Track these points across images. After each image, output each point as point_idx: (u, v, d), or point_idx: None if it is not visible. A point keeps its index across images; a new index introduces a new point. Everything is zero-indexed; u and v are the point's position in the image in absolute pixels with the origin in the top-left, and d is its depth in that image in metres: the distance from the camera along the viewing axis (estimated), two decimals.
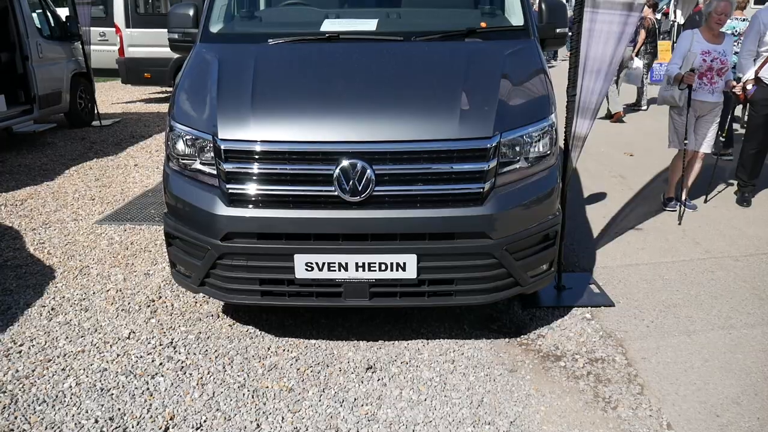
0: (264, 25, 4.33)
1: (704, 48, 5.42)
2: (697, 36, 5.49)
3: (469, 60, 3.54)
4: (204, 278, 3.35)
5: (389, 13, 4.20)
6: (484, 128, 3.13)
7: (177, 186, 3.40)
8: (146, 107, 12.88)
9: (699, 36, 5.49)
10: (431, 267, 3.16)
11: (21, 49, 8.72)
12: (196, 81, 3.59)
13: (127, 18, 12.19)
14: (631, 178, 6.95)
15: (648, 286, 4.35)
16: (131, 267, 4.71)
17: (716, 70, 5.45)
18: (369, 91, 3.37)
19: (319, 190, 3.11)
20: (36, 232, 5.49)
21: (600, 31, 3.99)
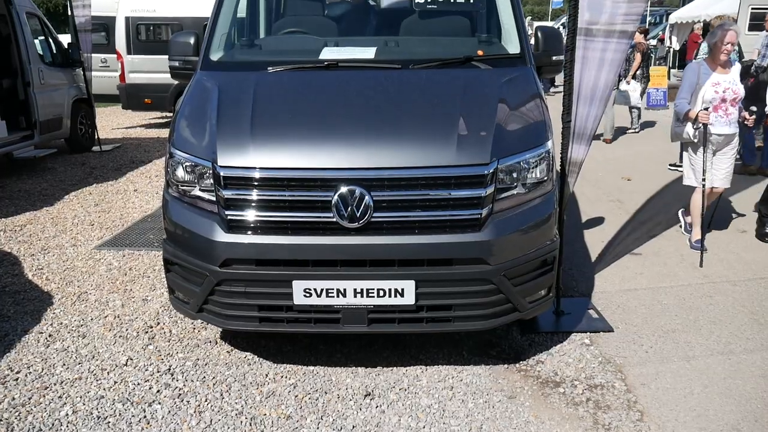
0: (264, 53, 4.39)
1: (714, 80, 5.23)
2: (703, 68, 5.30)
3: (467, 87, 3.58)
4: (202, 304, 3.35)
5: (387, 42, 4.26)
6: (482, 155, 3.15)
7: (176, 212, 3.41)
8: (146, 132, 12.96)
9: (705, 67, 5.29)
10: (429, 293, 3.16)
11: (23, 75, 8.81)
12: (196, 108, 3.63)
13: (129, 45, 12.32)
14: (628, 203, 6.98)
15: (647, 311, 4.35)
16: (129, 293, 4.70)
17: (729, 100, 5.24)
18: (367, 118, 3.41)
19: (317, 217, 3.13)
20: (35, 257, 5.49)
21: (593, 58, 4.05)
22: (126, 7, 12.37)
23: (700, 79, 5.24)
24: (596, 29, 3.99)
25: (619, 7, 3.90)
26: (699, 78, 5.24)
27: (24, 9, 9.01)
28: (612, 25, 3.95)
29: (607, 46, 4.00)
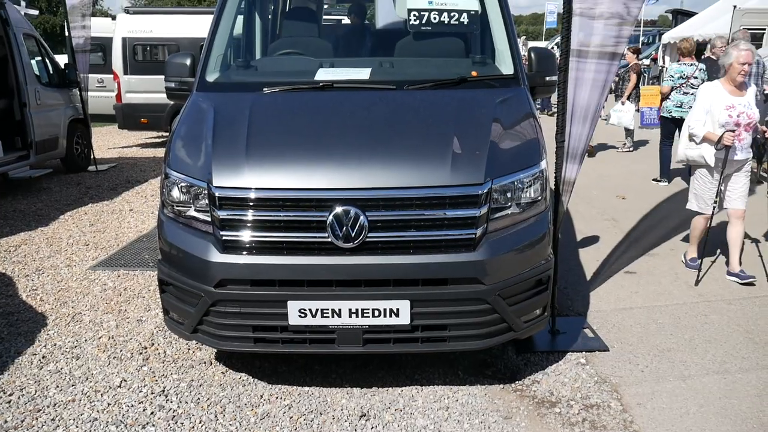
0: (259, 75, 4.42)
1: (728, 102, 4.98)
2: (718, 89, 5.06)
3: (461, 108, 3.61)
4: (197, 325, 3.35)
5: (382, 63, 4.30)
6: (476, 175, 3.17)
7: (171, 233, 3.42)
8: (142, 152, 12.98)
9: (721, 89, 5.06)
10: (424, 313, 3.17)
11: (19, 95, 8.83)
12: (191, 129, 3.65)
13: (125, 65, 12.39)
14: (622, 222, 7.00)
15: (642, 330, 4.35)
16: (124, 313, 4.68)
17: (744, 125, 4.99)
18: (362, 138, 3.43)
19: (312, 237, 3.13)
20: (29, 278, 5.47)
21: (586, 79, 4.10)
22: (123, 28, 12.45)
23: (714, 101, 5.02)
24: (588, 51, 4.05)
25: (611, 30, 3.96)
26: (713, 100, 5.02)
27: (21, 30, 9.06)
28: (604, 47, 4.01)
29: (599, 68, 4.06)
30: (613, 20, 3.97)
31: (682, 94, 8.57)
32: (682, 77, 8.60)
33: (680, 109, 8.53)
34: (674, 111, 8.65)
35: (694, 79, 8.49)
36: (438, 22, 4.26)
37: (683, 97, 8.53)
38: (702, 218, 5.36)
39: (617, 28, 3.97)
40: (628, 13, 3.96)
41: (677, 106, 8.60)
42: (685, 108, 8.42)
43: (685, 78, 8.57)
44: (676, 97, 8.64)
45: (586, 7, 3.98)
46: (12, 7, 9.10)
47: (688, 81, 8.53)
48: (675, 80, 8.63)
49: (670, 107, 8.71)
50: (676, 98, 8.63)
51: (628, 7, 3.94)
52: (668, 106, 8.75)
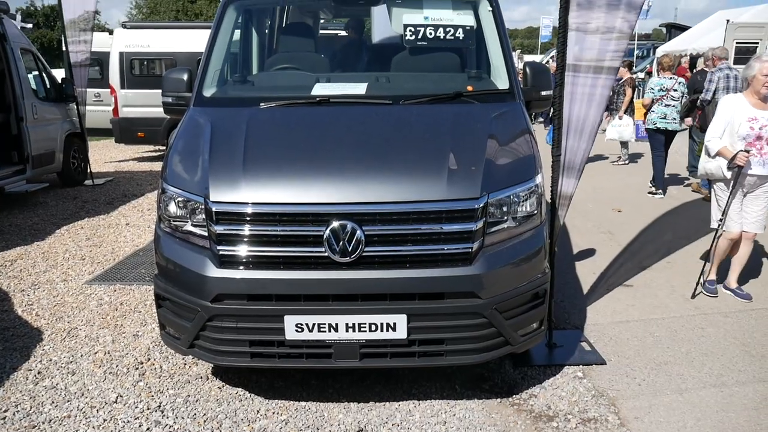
0: (256, 89, 4.44)
1: (750, 114, 4.83)
2: (741, 101, 4.91)
3: (457, 122, 3.63)
4: (193, 340, 3.34)
5: (378, 78, 4.32)
6: (472, 189, 3.19)
7: (168, 247, 3.42)
8: (139, 166, 12.99)
9: (744, 101, 4.90)
10: (421, 327, 3.16)
11: (16, 110, 8.84)
12: (188, 144, 3.66)
13: (122, 79, 12.44)
14: (618, 234, 7.02)
15: (639, 343, 4.35)
16: (120, 328, 4.67)
17: (766, 138, 4.82)
18: (359, 153, 3.44)
19: (309, 251, 3.14)
20: (25, 293, 5.45)
21: (582, 93, 4.12)
22: (120, 42, 12.52)
23: (736, 113, 4.87)
24: (584, 65, 4.07)
25: (608, 44, 3.99)
26: (734, 112, 4.88)
27: (19, 45, 9.09)
28: (600, 61, 4.03)
29: (596, 82, 4.08)
30: (609, 34, 4.00)
31: (664, 106, 9.06)
32: (662, 90, 9.12)
33: (664, 120, 9.04)
34: (659, 123, 9.08)
35: (674, 91, 9.06)
36: (434, 37, 4.30)
37: (666, 109, 9.03)
38: (726, 239, 5.11)
39: (614, 42, 3.99)
40: (629, 27, 3.99)
41: (661, 117, 9.06)
42: (668, 119, 9.03)
43: (665, 90, 9.09)
44: (659, 109, 9.08)
45: (581, 22, 4.01)
46: (9, 22, 9.13)
47: (668, 93, 9.06)
48: (656, 93, 9.13)
49: (655, 119, 9.12)
50: (660, 110, 9.08)
51: (624, 21, 3.97)
52: (652, 118, 9.17)
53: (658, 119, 9.09)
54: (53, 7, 41.25)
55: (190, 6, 46.20)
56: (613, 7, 3.93)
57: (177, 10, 45.68)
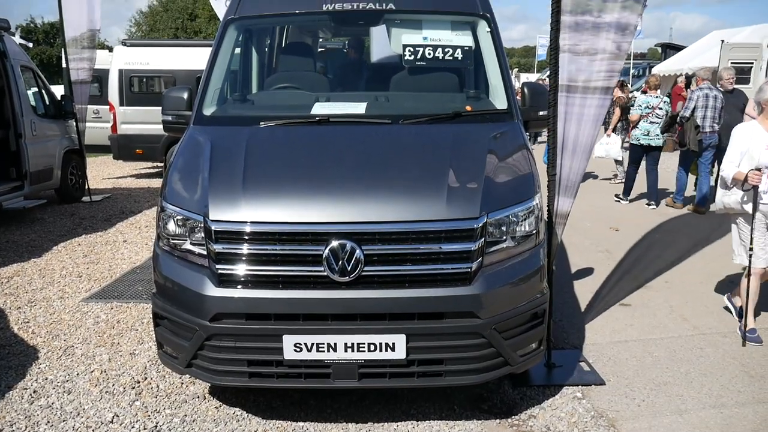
0: (256, 108, 4.46)
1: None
2: (756, 128, 4.63)
3: (456, 142, 3.65)
4: (191, 359, 3.32)
5: (378, 97, 4.35)
6: (471, 209, 3.19)
7: (167, 266, 3.41)
8: (137, 182, 12.99)
9: (759, 128, 4.63)
10: (420, 347, 3.15)
11: (15, 126, 8.86)
12: (188, 162, 3.67)
13: (121, 96, 12.48)
14: (616, 253, 7.03)
15: (638, 363, 4.34)
16: (117, 346, 4.64)
17: None
18: (358, 172, 3.45)
19: (308, 271, 3.14)
20: (21, 310, 5.42)
21: (576, 113, 4.16)
22: (120, 60, 12.58)
23: (753, 142, 4.56)
24: (576, 86, 4.11)
25: (600, 65, 4.04)
26: (751, 141, 4.57)
27: (19, 63, 9.14)
28: (591, 81, 4.08)
29: (591, 102, 4.12)
30: (599, 56, 4.05)
31: (648, 123, 9.61)
32: (648, 107, 9.66)
33: (647, 137, 9.60)
34: (642, 139, 9.64)
35: (659, 109, 9.59)
36: (432, 57, 4.33)
37: (650, 126, 9.58)
38: (756, 277, 4.67)
39: (608, 62, 4.04)
40: (618, 48, 4.04)
41: (645, 134, 9.62)
42: (651, 136, 9.57)
43: (651, 108, 9.62)
44: (643, 126, 9.62)
45: (572, 44, 4.06)
46: (10, 40, 9.19)
47: (654, 111, 9.58)
48: (642, 110, 9.68)
49: (639, 136, 9.67)
50: (644, 127, 9.62)
51: (616, 43, 4.02)
52: (636, 134, 9.73)
53: (642, 135, 9.61)
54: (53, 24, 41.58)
55: (189, 23, 46.55)
56: (600, 29, 4.00)
57: (176, 28, 46.01)
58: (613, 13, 3.96)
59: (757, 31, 18.63)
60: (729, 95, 9.28)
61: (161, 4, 49.01)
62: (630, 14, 3.96)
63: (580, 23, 4.01)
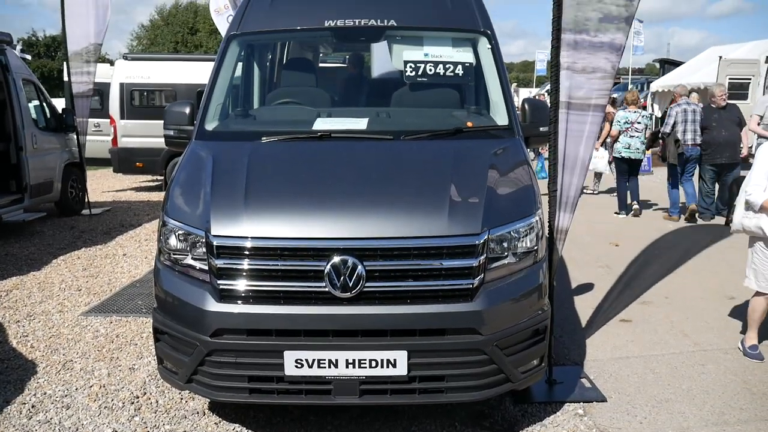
0: (258, 124, 4.48)
1: None
2: None
3: (457, 158, 3.66)
4: (191, 375, 3.30)
5: (379, 113, 4.37)
6: (473, 225, 3.20)
7: (168, 281, 3.40)
8: (137, 195, 13.00)
9: None
10: (422, 363, 3.14)
11: (16, 139, 8.89)
12: (190, 177, 3.68)
13: (122, 109, 12.54)
14: (616, 268, 7.03)
15: (639, 379, 4.33)
16: (116, 361, 4.62)
17: None
18: (359, 188, 3.46)
19: (310, 286, 3.13)
20: (20, 324, 5.41)
21: (574, 130, 4.19)
22: (121, 73, 12.65)
23: None
24: (575, 103, 4.15)
25: (594, 83, 4.10)
26: None
27: (21, 76, 9.18)
28: (588, 99, 4.12)
29: (586, 119, 4.17)
30: (595, 74, 4.10)
31: (629, 137, 10.11)
32: (627, 122, 10.17)
33: (628, 150, 10.10)
34: (624, 152, 10.14)
35: (638, 124, 10.12)
36: (434, 73, 4.35)
37: (630, 140, 10.08)
38: (763, 298, 4.63)
39: (599, 81, 4.11)
40: (613, 67, 4.11)
41: (626, 147, 10.12)
42: (632, 149, 10.07)
43: (630, 123, 10.15)
44: (624, 140, 10.12)
45: (570, 62, 4.10)
46: (12, 53, 9.24)
47: (632, 126, 10.11)
48: (621, 125, 10.20)
49: (620, 149, 10.17)
50: (624, 141, 10.11)
51: (608, 61, 4.09)
52: (618, 148, 10.23)
53: (623, 149, 10.13)
54: (55, 38, 41.79)
55: (190, 37, 46.82)
56: (597, 48, 4.07)
57: (177, 42, 46.28)
58: (608, 34, 4.03)
59: (754, 47, 18.76)
60: (722, 111, 9.41)
61: (162, 18, 49.34)
62: (622, 35, 4.06)
63: (579, 42, 4.07)
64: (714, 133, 9.31)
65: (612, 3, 4.03)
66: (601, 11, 4.04)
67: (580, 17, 4.05)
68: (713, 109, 9.51)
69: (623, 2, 4.02)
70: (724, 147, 9.31)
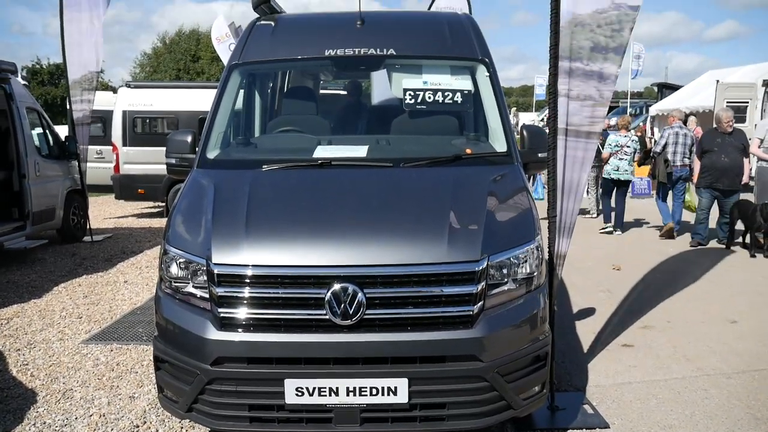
0: (259, 152, 4.51)
1: None
2: None
3: (456, 185, 3.68)
4: (192, 404, 3.28)
5: (379, 140, 4.41)
6: (472, 251, 3.21)
7: (168, 309, 3.41)
8: (138, 222, 13.04)
9: None
10: (423, 391, 3.13)
11: (19, 167, 8.95)
12: (191, 206, 3.70)
13: (125, 136, 12.64)
14: (617, 292, 7.01)
15: (642, 405, 4.30)
16: (116, 389, 4.60)
17: None
18: (360, 215, 3.48)
19: (310, 314, 3.13)
20: (20, 352, 5.39)
21: (569, 156, 4.23)
22: (124, 101, 12.77)
23: None
24: (572, 129, 4.21)
25: (585, 111, 4.18)
26: None
27: (24, 104, 9.28)
28: (583, 126, 4.18)
29: (582, 145, 4.23)
30: (587, 102, 4.16)
31: (618, 159, 10.76)
32: (617, 146, 10.79)
33: (617, 172, 10.75)
34: (613, 174, 10.84)
35: (627, 147, 10.71)
36: (432, 101, 4.40)
37: (619, 162, 10.72)
38: None
39: (590, 109, 4.18)
40: (600, 96, 4.19)
41: (615, 169, 10.79)
42: (621, 171, 10.73)
43: (619, 146, 10.76)
44: (614, 162, 10.78)
45: (567, 89, 4.17)
46: (17, 82, 9.34)
47: (622, 149, 10.72)
48: (612, 148, 10.83)
49: (610, 171, 10.88)
50: (614, 163, 10.78)
51: (599, 90, 4.17)
52: (608, 169, 10.92)
53: (612, 171, 10.82)
54: (58, 65, 42.21)
55: (192, 65, 47.29)
56: (588, 76, 4.16)
57: (179, 69, 46.74)
58: (597, 63, 4.12)
59: (751, 71, 18.94)
60: (727, 136, 9.33)
61: (165, 46, 49.90)
62: (610, 65, 4.14)
63: (574, 69, 4.15)
64: (714, 158, 9.22)
65: (601, 33, 4.12)
66: (592, 40, 4.14)
67: (575, 45, 4.12)
68: (717, 133, 9.39)
69: (610, 32, 4.10)
70: (723, 173, 9.20)
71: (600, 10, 4.10)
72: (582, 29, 4.11)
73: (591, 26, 4.12)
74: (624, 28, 4.09)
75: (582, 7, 4.10)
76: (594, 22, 4.11)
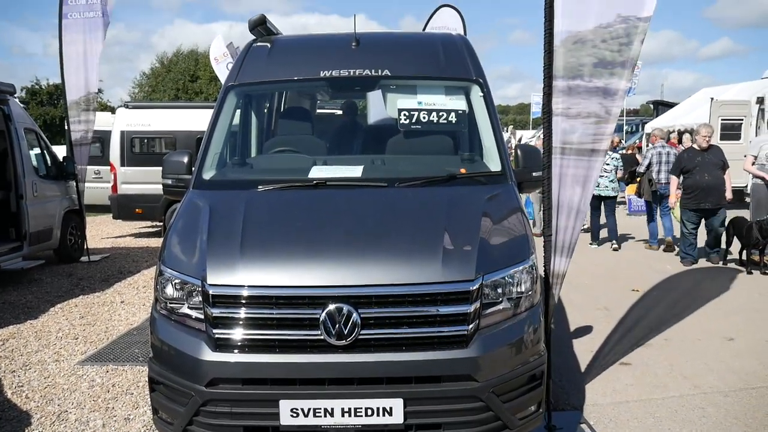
0: (254, 172, 4.53)
1: None
2: None
3: (451, 205, 3.70)
4: (187, 425, 3.26)
5: (374, 160, 4.43)
6: (467, 271, 3.21)
7: (163, 330, 3.40)
8: (135, 242, 13.03)
9: None
10: (418, 411, 3.11)
11: (16, 188, 8.96)
12: (187, 226, 3.71)
13: (123, 156, 12.67)
14: (615, 310, 7.01)
15: (639, 424, 4.28)
16: (111, 411, 4.58)
17: None
18: (354, 235, 3.49)
19: (305, 335, 3.13)
20: (15, 374, 5.37)
21: (569, 174, 4.24)
22: (122, 121, 12.83)
23: None
24: (570, 148, 4.21)
25: (589, 128, 4.15)
26: None
27: (23, 125, 9.32)
28: (585, 144, 4.18)
29: (580, 164, 4.22)
30: (590, 119, 4.16)
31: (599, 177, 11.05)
32: None
33: (598, 188, 10.91)
34: (594, 190, 11.14)
35: (607, 165, 10.94)
36: (427, 121, 4.43)
37: (600, 179, 10.85)
38: None
39: (594, 126, 4.16)
40: (607, 112, 4.15)
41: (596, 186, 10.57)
42: (602, 187, 11.00)
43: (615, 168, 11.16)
44: None
45: (564, 108, 4.18)
46: (15, 103, 9.40)
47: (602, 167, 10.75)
48: None
49: None
50: None
51: (605, 106, 4.14)
52: None
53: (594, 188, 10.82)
54: (57, 86, 42.38)
55: (190, 85, 47.52)
56: (592, 93, 4.13)
57: (178, 89, 46.96)
58: (602, 79, 4.10)
59: (745, 88, 19.06)
60: (705, 153, 9.29)
61: (163, 66, 50.17)
62: (618, 80, 4.08)
63: (572, 87, 4.14)
64: (697, 177, 9.18)
65: (606, 48, 4.08)
66: (595, 56, 4.10)
67: (573, 63, 4.12)
68: (696, 152, 9.37)
69: (617, 47, 4.06)
70: (708, 192, 9.17)
71: (604, 25, 4.05)
72: (582, 46, 4.10)
73: (594, 42, 4.08)
74: (633, 40, 4.00)
75: (583, 23, 4.08)
76: (597, 37, 4.08)
